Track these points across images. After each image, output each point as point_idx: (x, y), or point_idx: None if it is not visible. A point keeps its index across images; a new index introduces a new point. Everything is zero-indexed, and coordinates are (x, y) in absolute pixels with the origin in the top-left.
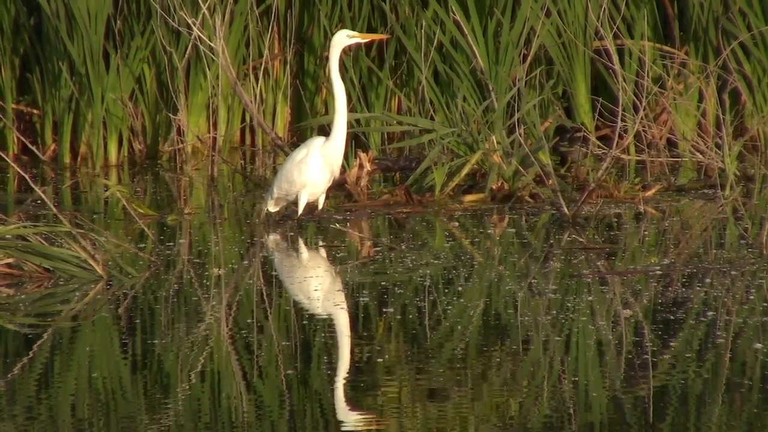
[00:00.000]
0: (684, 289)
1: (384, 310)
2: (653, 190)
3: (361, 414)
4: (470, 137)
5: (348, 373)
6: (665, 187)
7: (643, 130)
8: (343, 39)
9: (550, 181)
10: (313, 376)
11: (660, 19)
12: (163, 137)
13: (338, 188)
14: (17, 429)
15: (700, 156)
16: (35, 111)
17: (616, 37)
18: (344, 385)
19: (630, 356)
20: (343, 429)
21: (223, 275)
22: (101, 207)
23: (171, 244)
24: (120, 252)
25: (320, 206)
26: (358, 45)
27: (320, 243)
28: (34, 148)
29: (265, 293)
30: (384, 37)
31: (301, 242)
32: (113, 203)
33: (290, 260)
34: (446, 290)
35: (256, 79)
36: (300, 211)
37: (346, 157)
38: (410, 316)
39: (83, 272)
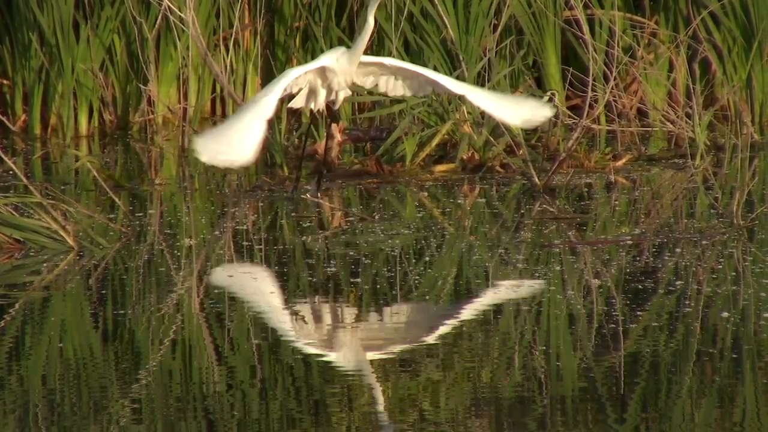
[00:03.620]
0: (654, 259)
1: (354, 280)
2: (624, 160)
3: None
4: (441, 107)
5: (318, 344)
6: (636, 156)
7: (614, 100)
8: None
9: (521, 151)
10: (284, 346)
11: None
12: (133, 108)
13: (309, 159)
14: None
15: (671, 126)
16: (5, 82)
17: (586, 6)
18: (315, 355)
19: (601, 326)
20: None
21: (194, 246)
22: (72, 178)
23: (141, 214)
24: (91, 223)
25: (338, 105)
26: None
27: (291, 214)
28: (4, 119)
29: (236, 264)
30: None
31: (271, 212)
32: (84, 174)
33: (261, 231)
34: (417, 260)
35: (227, 50)
36: (318, 105)
37: (317, 127)
38: (380, 286)
39: (54, 243)
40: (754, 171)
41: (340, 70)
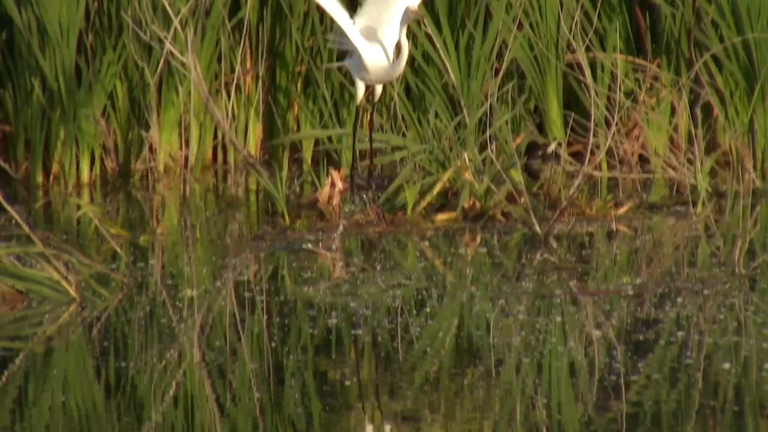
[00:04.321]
0: (656, 309)
1: (355, 332)
2: (625, 208)
3: None
4: (442, 154)
5: (320, 396)
6: (637, 204)
7: (615, 147)
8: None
9: (522, 200)
10: (286, 400)
11: (632, 31)
12: (135, 155)
13: (310, 207)
14: None
15: (672, 172)
16: (7, 128)
17: (588, 49)
18: (316, 408)
19: (602, 377)
20: None
21: (196, 296)
22: (74, 227)
23: (143, 264)
24: (93, 273)
25: (377, 96)
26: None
27: (292, 264)
28: (6, 166)
29: (237, 315)
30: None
31: (273, 263)
32: (85, 223)
33: (263, 282)
34: (418, 311)
35: (228, 95)
36: (359, 97)
37: (318, 175)
38: (381, 338)
39: (56, 294)
40: (756, 218)
41: (374, 74)
